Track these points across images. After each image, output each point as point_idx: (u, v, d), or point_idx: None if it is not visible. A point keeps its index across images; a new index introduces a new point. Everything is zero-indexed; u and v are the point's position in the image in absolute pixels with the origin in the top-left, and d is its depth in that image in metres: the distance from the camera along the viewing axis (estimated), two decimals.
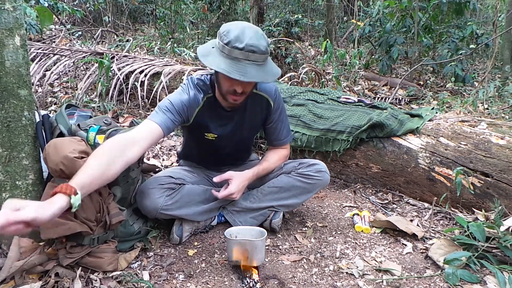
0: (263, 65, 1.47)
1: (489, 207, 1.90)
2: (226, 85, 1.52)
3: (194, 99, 1.61)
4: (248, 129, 1.79)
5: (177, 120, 1.56)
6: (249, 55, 1.42)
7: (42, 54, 3.74)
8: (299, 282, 1.48)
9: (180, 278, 1.49)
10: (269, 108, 1.76)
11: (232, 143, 1.79)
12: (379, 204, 2.15)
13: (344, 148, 2.30)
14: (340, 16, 9.43)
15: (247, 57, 1.42)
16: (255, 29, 1.47)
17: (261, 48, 1.43)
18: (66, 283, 1.35)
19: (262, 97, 1.73)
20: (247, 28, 1.44)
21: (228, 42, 1.42)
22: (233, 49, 1.42)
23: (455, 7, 5.54)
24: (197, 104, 1.62)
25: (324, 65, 5.52)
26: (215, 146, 1.77)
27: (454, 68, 4.95)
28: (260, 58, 1.44)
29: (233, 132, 1.75)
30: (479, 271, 1.55)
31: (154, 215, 1.64)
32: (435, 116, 2.37)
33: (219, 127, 1.71)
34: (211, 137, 1.72)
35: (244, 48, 1.41)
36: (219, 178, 1.71)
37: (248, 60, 1.43)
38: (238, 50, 1.41)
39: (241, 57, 1.42)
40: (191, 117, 1.63)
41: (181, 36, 6.14)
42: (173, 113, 1.55)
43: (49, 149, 1.36)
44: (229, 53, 1.43)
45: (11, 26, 1.34)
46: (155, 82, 3.29)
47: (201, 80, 1.67)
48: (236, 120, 1.72)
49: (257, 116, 1.77)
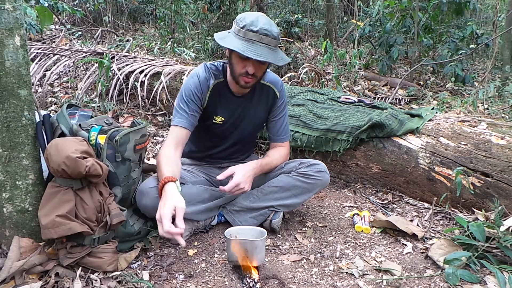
0: (275, 50, 1.60)
1: (489, 207, 1.90)
2: (240, 66, 1.63)
3: (204, 82, 1.73)
4: (253, 117, 1.85)
5: (195, 109, 1.71)
6: (263, 37, 1.55)
7: (42, 54, 3.74)
8: (299, 282, 1.48)
9: (180, 278, 1.49)
10: (274, 99, 1.85)
11: (237, 129, 1.84)
12: (379, 204, 2.15)
13: (344, 148, 2.30)
14: (340, 16, 9.43)
15: (260, 40, 1.55)
16: (268, 18, 1.61)
17: (274, 33, 1.56)
18: (66, 283, 1.35)
19: (269, 88, 1.84)
20: (261, 16, 1.59)
21: (243, 26, 1.56)
22: (248, 32, 1.55)
23: (455, 7, 5.53)
24: (207, 88, 1.74)
25: (324, 65, 5.52)
26: (221, 130, 1.82)
27: (454, 68, 4.95)
28: (272, 42, 1.57)
29: (240, 118, 1.82)
30: (479, 271, 1.55)
31: (153, 214, 1.63)
32: (435, 116, 2.37)
33: (227, 111, 1.79)
34: (219, 121, 1.79)
35: (258, 31, 1.54)
36: (222, 175, 1.71)
37: (262, 42, 1.55)
38: (253, 33, 1.54)
39: (255, 39, 1.55)
40: (205, 100, 1.75)
41: (181, 36, 6.13)
42: (190, 105, 1.70)
43: (51, 149, 1.37)
44: (244, 35, 1.56)
45: (11, 26, 1.34)
46: (155, 82, 3.29)
47: (214, 65, 1.79)
48: (243, 106, 1.81)
49: (262, 105, 1.85)
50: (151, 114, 3.40)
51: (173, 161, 1.59)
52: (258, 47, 1.55)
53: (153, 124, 3.26)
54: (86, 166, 1.36)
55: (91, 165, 1.37)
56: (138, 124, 1.66)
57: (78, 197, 1.41)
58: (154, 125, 3.25)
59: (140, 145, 1.62)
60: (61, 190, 1.39)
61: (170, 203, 1.36)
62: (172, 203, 1.36)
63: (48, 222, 1.32)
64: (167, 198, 1.38)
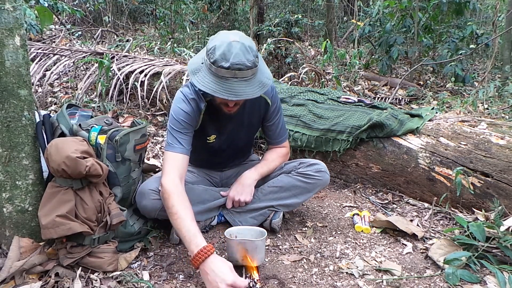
0: (252, 79, 1.47)
1: (489, 207, 1.90)
2: (218, 100, 1.58)
3: (196, 106, 1.65)
4: (247, 128, 1.82)
5: (190, 131, 1.64)
6: (236, 73, 1.42)
7: (42, 54, 3.74)
8: (299, 282, 1.48)
9: (180, 278, 1.49)
10: (267, 107, 1.79)
11: (232, 143, 1.81)
12: (379, 204, 2.15)
13: (344, 148, 2.30)
14: (340, 16, 9.43)
15: (234, 75, 1.42)
16: (242, 42, 1.44)
17: (248, 63, 1.42)
18: (66, 283, 1.35)
19: (260, 97, 1.74)
20: (233, 44, 1.42)
21: (214, 61, 1.43)
22: (220, 68, 1.42)
23: (455, 7, 5.53)
24: (199, 111, 1.66)
25: (324, 65, 5.52)
26: (215, 147, 1.79)
27: (454, 68, 4.95)
28: (247, 73, 1.44)
29: (233, 132, 1.77)
30: (479, 271, 1.55)
31: (153, 215, 1.64)
32: (435, 116, 2.37)
33: (220, 129, 1.75)
34: (213, 139, 1.75)
35: (230, 67, 1.41)
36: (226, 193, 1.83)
37: (236, 77, 1.43)
38: (225, 69, 1.41)
39: (228, 76, 1.42)
40: (198, 122, 1.68)
41: (181, 36, 6.14)
42: (185, 128, 1.62)
43: (51, 149, 1.37)
44: (216, 72, 1.44)
45: (11, 26, 1.34)
46: (155, 82, 3.29)
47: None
48: (235, 120, 1.74)
49: (255, 115, 1.79)
50: (151, 114, 3.40)
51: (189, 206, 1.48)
52: (231, 84, 1.42)
53: (153, 124, 3.26)
54: (86, 166, 1.36)
55: (91, 165, 1.37)
56: (138, 124, 1.66)
57: (78, 197, 1.41)
58: (154, 125, 3.25)
59: (140, 145, 1.62)
60: (61, 190, 1.39)
61: (228, 269, 1.32)
62: (230, 269, 1.33)
63: (48, 222, 1.32)
64: (222, 270, 1.31)
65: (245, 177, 1.80)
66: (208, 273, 1.31)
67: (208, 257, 1.33)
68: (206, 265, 1.32)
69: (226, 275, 1.29)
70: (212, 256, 1.34)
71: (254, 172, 1.81)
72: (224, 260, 1.36)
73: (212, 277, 1.30)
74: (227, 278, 1.28)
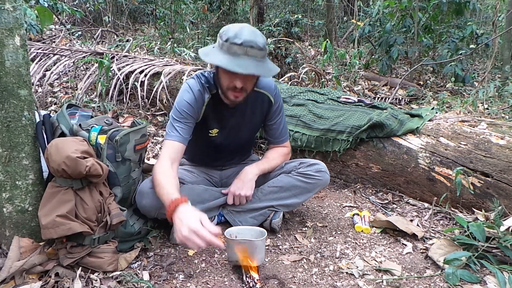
0: (262, 62, 1.52)
1: (489, 207, 1.90)
2: (227, 81, 1.57)
3: (199, 97, 1.67)
4: (249, 126, 1.83)
5: (190, 121, 1.66)
6: (248, 50, 1.47)
7: (42, 54, 3.74)
8: (299, 282, 1.48)
9: (180, 278, 1.49)
10: (270, 105, 1.81)
11: (234, 139, 1.82)
12: (379, 204, 2.15)
13: (344, 148, 2.30)
14: (340, 16, 9.43)
15: (245, 52, 1.48)
16: (253, 29, 1.53)
17: (259, 44, 1.49)
18: (66, 283, 1.35)
19: (263, 95, 1.78)
20: (245, 27, 1.51)
21: (227, 39, 1.48)
22: (232, 45, 1.47)
23: (455, 7, 5.53)
24: (202, 102, 1.68)
25: (324, 65, 5.52)
26: (217, 142, 1.80)
27: (454, 68, 4.95)
28: (258, 54, 1.49)
29: (235, 128, 1.79)
30: (479, 271, 1.55)
31: (153, 215, 1.64)
32: (435, 116, 2.37)
33: (222, 123, 1.76)
34: (215, 133, 1.77)
35: (242, 43, 1.46)
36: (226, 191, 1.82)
37: (247, 55, 1.48)
38: (237, 46, 1.47)
39: (240, 52, 1.48)
40: (200, 114, 1.70)
41: (181, 36, 6.13)
42: (185, 118, 1.64)
43: (51, 149, 1.37)
44: (228, 49, 1.48)
45: (11, 26, 1.34)
46: (155, 82, 3.29)
47: (204, 77, 1.72)
48: (238, 117, 1.76)
49: (258, 113, 1.81)
50: (151, 114, 3.40)
51: (173, 178, 1.53)
52: (244, 61, 1.47)
53: (153, 124, 3.26)
54: (86, 166, 1.36)
55: (91, 165, 1.37)
56: (138, 124, 1.66)
57: (78, 197, 1.41)
58: (154, 125, 3.25)
59: (140, 145, 1.62)
60: (61, 190, 1.39)
61: (195, 216, 1.30)
62: (196, 216, 1.30)
63: (48, 222, 1.32)
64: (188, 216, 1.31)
65: (246, 172, 1.80)
66: (176, 222, 1.32)
67: (178, 207, 1.34)
68: (175, 215, 1.34)
69: (190, 222, 1.28)
70: (181, 206, 1.34)
71: (255, 167, 1.81)
72: (194, 210, 1.33)
73: (179, 226, 1.30)
74: (191, 223, 1.27)
